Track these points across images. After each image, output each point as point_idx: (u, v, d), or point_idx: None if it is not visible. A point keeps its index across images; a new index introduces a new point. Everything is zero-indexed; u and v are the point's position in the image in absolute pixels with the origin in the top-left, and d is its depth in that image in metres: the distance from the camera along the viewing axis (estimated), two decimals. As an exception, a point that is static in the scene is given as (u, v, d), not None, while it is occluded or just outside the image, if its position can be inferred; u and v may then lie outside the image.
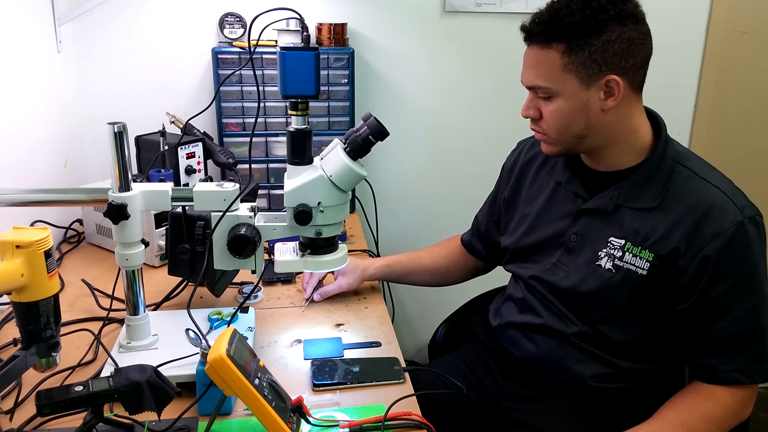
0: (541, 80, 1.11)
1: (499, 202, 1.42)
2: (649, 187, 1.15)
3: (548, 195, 1.29)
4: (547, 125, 1.15)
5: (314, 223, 1.07)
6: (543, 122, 1.15)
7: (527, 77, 1.14)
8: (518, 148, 1.42)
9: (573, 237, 1.22)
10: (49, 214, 1.63)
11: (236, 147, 1.86)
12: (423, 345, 2.31)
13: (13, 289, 0.89)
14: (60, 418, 1.00)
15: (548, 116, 1.14)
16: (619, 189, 1.17)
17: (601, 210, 1.19)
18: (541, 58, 1.10)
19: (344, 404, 1.09)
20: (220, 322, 1.27)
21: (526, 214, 1.32)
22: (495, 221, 1.44)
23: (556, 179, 1.27)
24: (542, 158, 1.33)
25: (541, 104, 1.14)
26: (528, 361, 1.28)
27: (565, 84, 1.09)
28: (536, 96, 1.14)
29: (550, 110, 1.13)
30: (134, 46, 1.89)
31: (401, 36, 2.01)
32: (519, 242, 1.32)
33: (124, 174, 1.09)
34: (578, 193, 1.23)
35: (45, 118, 1.71)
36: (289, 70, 1.02)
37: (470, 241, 1.54)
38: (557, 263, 1.24)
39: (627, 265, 1.15)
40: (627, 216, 1.16)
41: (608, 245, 1.17)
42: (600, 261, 1.17)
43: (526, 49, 1.14)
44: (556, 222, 1.25)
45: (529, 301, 1.29)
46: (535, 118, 1.16)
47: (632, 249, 1.14)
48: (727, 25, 2.13)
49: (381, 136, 1.04)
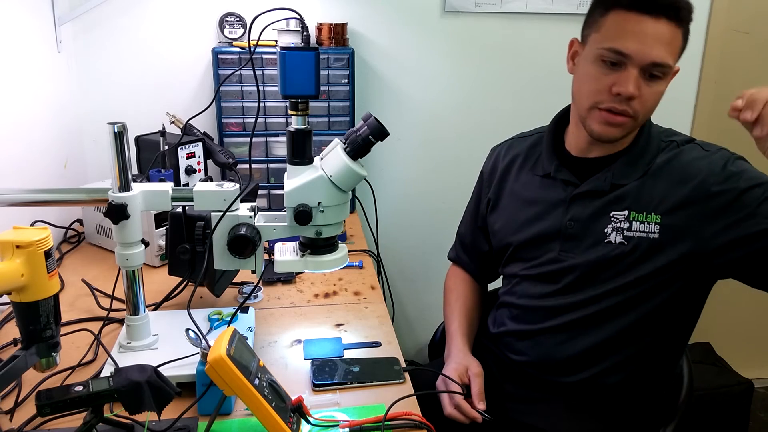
0: (669, 58, 1.09)
1: (483, 207, 1.41)
2: (639, 162, 1.18)
3: (534, 190, 1.29)
4: (643, 106, 1.12)
5: (314, 223, 1.07)
6: (637, 102, 1.11)
7: (654, 53, 1.08)
8: (493, 153, 1.43)
9: (570, 224, 1.21)
10: (49, 214, 1.63)
11: (236, 147, 1.86)
12: (423, 345, 2.31)
13: (13, 289, 0.89)
14: (60, 418, 1.00)
15: (650, 96, 1.11)
16: (612, 170, 1.19)
17: (596, 191, 1.19)
18: (674, 36, 1.09)
19: (344, 404, 1.09)
20: (220, 322, 1.27)
21: (513, 212, 1.32)
22: (481, 227, 1.43)
23: (542, 172, 1.28)
24: (522, 159, 1.33)
25: (643, 83, 1.10)
26: (528, 365, 1.28)
27: (674, 66, 1.11)
28: (642, 75, 1.10)
29: (654, 91, 1.11)
30: (134, 46, 1.89)
31: (401, 36, 2.00)
32: (511, 239, 1.31)
33: (124, 174, 1.09)
34: (569, 180, 1.23)
35: (45, 118, 1.71)
36: (289, 70, 1.02)
37: (457, 256, 1.51)
38: (559, 254, 1.23)
39: (637, 233, 1.15)
40: (622, 191, 1.17)
41: (612, 220, 1.17)
42: (608, 237, 1.17)
43: (641, 22, 1.08)
44: (547, 214, 1.25)
45: (525, 305, 1.28)
46: (633, 98, 1.10)
47: (638, 216, 1.15)
48: (727, 25, 2.13)
49: (381, 136, 1.04)
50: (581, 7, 2.01)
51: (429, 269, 2.27)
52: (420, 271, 2.27)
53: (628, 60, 1.09)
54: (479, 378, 1.24)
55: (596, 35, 1.14)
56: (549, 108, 1.35)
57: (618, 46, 1.09)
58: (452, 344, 1.34)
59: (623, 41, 1.09)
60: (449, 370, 1.26)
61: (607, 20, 1.12)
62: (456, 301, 1.44)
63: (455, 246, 1.53)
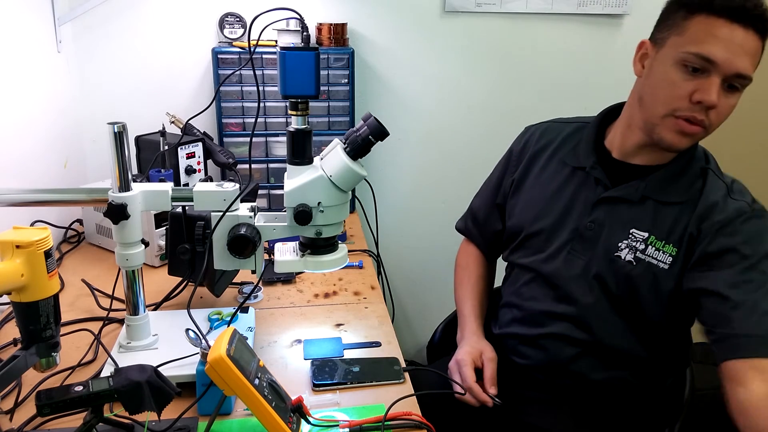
0: (751, 69, 1.04)
1: (506, 185, 1.37)
2: (678, 182, 1.14)
3: (562, 181, 1.25)
4: (718, 117, 1.07)
5: (314, 223, 1.07)
6: (714, 113, 1.07)
7: (740, 63, 1.03)
8: (526, 132, 1.37)
9: (590, 225, 1.19)
10: (49, 214, 1.63)
11: (236, 147, 1.86)
12: (423, 345, 2.31)
13: (13, 289, 0.89)
14: (60, 418, 1.00)
15: (725, 108, 1.07)
16: (647, 181, 1.16)
17: (624, 199, 1.17)
18: (758, 48, 1.04)
19: (344, 404, 1.09)
20: (220, 322, 1.27)
21: (534, 199, 1.29)
22: (498, 204, 1.39)
23: (577, 164, 1.24)
24: (555, 147, 1.30)
25: (722, 94, 1.06)
26: (532, 368, 1.27)
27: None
28: (723, 85, 1.05)
29: (730, 103, 1.07)
30: (134, 46, 1.89)
31: (401, 36, 2.01)
32: (527, 226, 1.29)
33: (124, 174, 1.09)
34: (601, 180, 1.20)
35: (45, 118, 1.71)
36: (289, 70, 1.02)
37: (466, 227, 1.48)
38: (571, 251, 1.21)
39: (648, 258, 1.14)
40: (650, 208, 1.15)
41: (630, 237, 1.16)
42: (620, 252, 1.16)
43: (731, 30, 1.02)
44: (569, 208, 1.23)
45: (530, 307, 1.27)
46: (714, 107, 1.06)
47: (656, 243, 1.14)
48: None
49: (381, 136, 1.04)
50: (581, 7, 2.01)
51: (429, 269, 2.27)
52: (420, 271, 2.27)
53: (714, 67, 1.03)
54: (492, 363, 1.24)
55: (678, 38, 1.07)
56: (549, 107, 1.35)
57: (705, 52, 1.03)
58: (465, 327, 1.34)
59: (711, 47, 1.03)
60: (463, 353, 1.25)
61: (692, 23, 1.06)
62: (468, 281, 1.43)
63: (465, 217, 1.49)
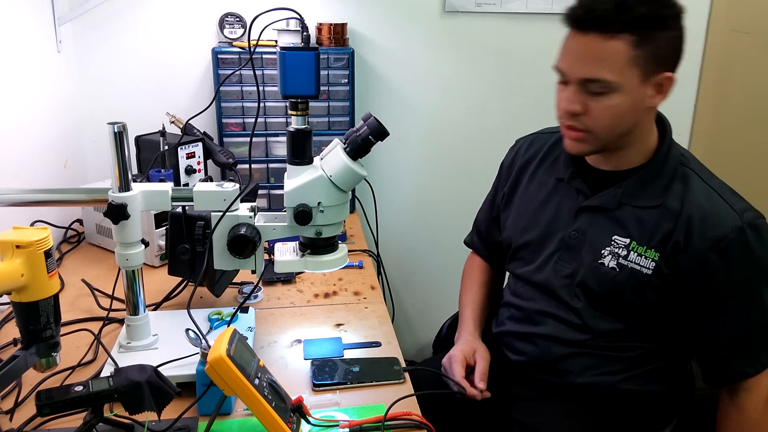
0: (604, 72, 1.04)
1: (499, 199, 1.41)
2: (652, 186, 1.15)
3: (547, 192, 1.28)
4: (595, 122, 1.08)
5: (314, 223, 1.07)
6: (587, 118, 1.09)
7: (584, 69, 1.05)
8: (516, 146, 1.41)
9: (573, 234, 1.22)
10: (49, 214, 1.63)
11: (236, 147, 1.86)
12: (423, 345, 2.31)
13: (13, 289, 0.89)
14: (60, 418, 1.00)
15: (600, 112, 1.07)
16: (622, 187, 1.17)
17: (603, 207, 1.18)
18: (605, 49, 1.03)
19: (344, 404, 1.09)
20: (220, 322, 1.27)
21: (522, 212, 1.32)
22: (495, 218, 1.44)
23: (558, 176, 1.27)
24: (540, 157, 1.32)
25: (588, 99, 1.07)
26: (527, 365, 1.28)
27: (629, 78, 1.04)
28: (584, 90, 1.07)
29: (603, 106, 1.06)
30: (134, 46, 1.89)
31: (401, 36, 2.00)
32: (515, 239, 1.32)
33: (124, 174, 1.09)
34: (581, 190, 1.22)
35: (45, 118, 1.71)
36: (289, 70, 1.02)
37: (472, 241, 1.54)
38: (558, 261, 1.23)
39: (631, 264, 1.14)
40: (629, 214, 1.16)
41: (612, 244, 1.17)
42: (603, 259, 1.17)
43: (573, 39, 1.07)
44: (555, 218, 1.25)
45: (527, 307, 1.29)
46: (577, 114, 1.09)
47: (638, 248, 1.14)
48: (727, 25, 2.12)
49: (381, 136, 1.04)
50: (581, 7, 2.01)
51: (429, 269, 2.27)
52: (420, 272, 2.27)
53: (566, 77, 1.09)
54: (484, 360, 1.26)
55: None
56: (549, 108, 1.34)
57: (557, 64, 1.11)
58: (463, 328, 1.38)
59: (560, 58, 1.10)
60: (456, 350, 1.28)
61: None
62: (471, 288, 1.47)
63: (472, 232, 1.54)
